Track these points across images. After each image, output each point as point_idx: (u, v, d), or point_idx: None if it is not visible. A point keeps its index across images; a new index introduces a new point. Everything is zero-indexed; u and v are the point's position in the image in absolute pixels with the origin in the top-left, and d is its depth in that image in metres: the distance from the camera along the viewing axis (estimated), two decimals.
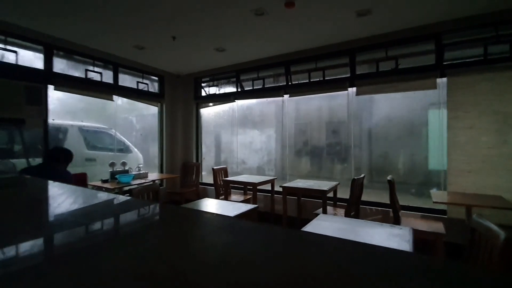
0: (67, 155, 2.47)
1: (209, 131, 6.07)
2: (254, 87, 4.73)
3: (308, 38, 3.64)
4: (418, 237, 2.36)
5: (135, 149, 6.46)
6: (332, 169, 9.50)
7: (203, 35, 3.45)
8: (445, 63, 3.24)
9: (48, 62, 3.54)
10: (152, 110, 5.72)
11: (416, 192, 5.30)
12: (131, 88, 4.70)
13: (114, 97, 4.43)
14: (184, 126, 5.53)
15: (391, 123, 7.97)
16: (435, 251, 2.55)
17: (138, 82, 4.80)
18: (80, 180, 3.71)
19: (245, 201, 4.04)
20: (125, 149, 6.21)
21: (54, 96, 3.67)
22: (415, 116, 7.40)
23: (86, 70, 3.98)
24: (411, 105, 7.22)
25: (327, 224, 1.87)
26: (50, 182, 1.32)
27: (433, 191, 3.06)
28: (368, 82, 3.67)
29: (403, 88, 3.59)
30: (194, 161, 5.47)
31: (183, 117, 5.51)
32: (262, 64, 4.54)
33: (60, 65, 3.70)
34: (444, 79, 3.22)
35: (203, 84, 5.44)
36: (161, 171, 5.32)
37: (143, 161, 6.56)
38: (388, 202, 2.84)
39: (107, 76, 4.31)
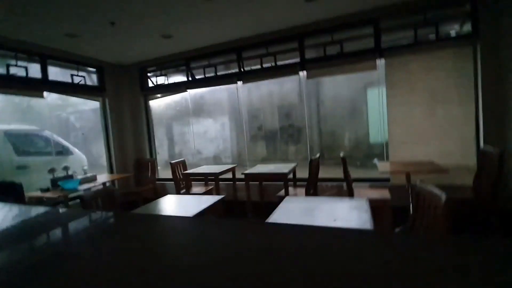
0: None
1: (160, 123, 5.76)
2: (206, 75, 4.58)
3: (258, 23, 3.62)
4: (370, 205, 2.64)
5: (77, 150, 5.84)
6: (286, 151, 9.91)
7: (147, 20, 3.18)
8: (382, 46, 3.54)
9: None
10: (92, 105, 5.18)
11: (360, 164, 5.87)
12: (65, 82, 4.17)
13: (45, 93, 3.88)
14: (133, 121, 5.15)
15: (336, 104, 8.56)
16: (383, 215, 2.88)
17: (72, 75, 4.27)
18: (13, 192, 3.24)
19: (207, 193, 4.00)
20: (64, 151, 5.58)
21: None
22: (356, 96, 8.06)
23: (8, 65, 3.39)
24: (352, 86, 7.83)
25: (294, 206, 1.97)
26: None
27: (378, 162, 3.41)
28: (317, 66, 3.83)
29: (347, 70, 3.85)
30: (148, 156, 5.18)
31: (130, 111, 5.12)
32: (213, 51, 4.40)
33: None
34: (383, 61, 3.54)
35: (149, 74, 5.09)
36: (111, 171, 4.93)
37: (88, 162, 5.98)
38: (340, 176, 3.08)
39: (34, 71, 3.74)
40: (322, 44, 3.78)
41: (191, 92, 5.04)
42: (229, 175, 4.25)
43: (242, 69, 4.33)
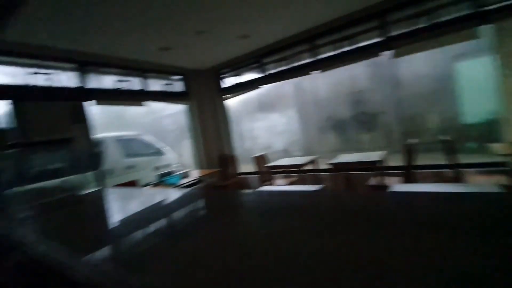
0: None
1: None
2: (279, 69, 4.63)
3: (332, 7, 3.49)
4: None
5: (169, 150, 6.61)
6: (360, 140, 9.27)
7: (227, 24, 3.38)
8: (486, 8, 3.02)
9: (83, 79, 3.61)
10: (180, 108, 5.78)
11: (463, 148, 5.09)
12: (158, 91, 4.74)
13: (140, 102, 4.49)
14: (214, 120, 5.56)
15: (416, 84, 7.61)
16: None
17: (164, 84, 4.83)
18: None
19: (293, 185, 4.07)
20: (158, 152, 6.36)
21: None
22: (441, 72, 7.02)
23: (118, 81, 4.03)
24: (435, 61, 6.84)
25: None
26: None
27: (493, 145, 2.95)
28: (406, 42, 3.49)
29: (440, 43, 3.41)
30: (229, 152, 5.53)
31: (211, 111, 5.53)
32: (285, 45, 4.42)
33: (95, 80, 3.76)
34: (484, 27, 3.01)
35: (225, 75, 5.40)
36: (200, 167, 5.43)
37: (179, 160, 6.71)
38: (437, 163, 2.76)
39: (136, 83, 4.35)
40: (410, 16, 3.42)
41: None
42: (303, 167, 4.23)
43: (316, 58, 4.24)
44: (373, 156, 3.45)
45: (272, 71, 4.76)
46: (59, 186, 2.94)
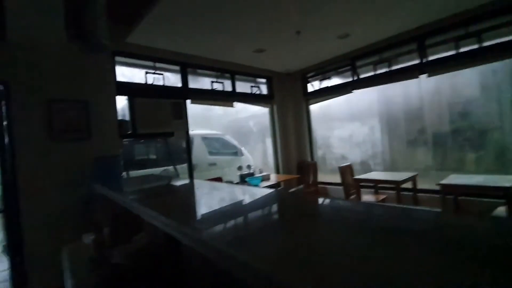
0: None
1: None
2: (376, 72, 4.19)
3: (445, 4, 2.93)
4: None
5: (246, 152, 6.76)
6: (462, 159, 7.84)
7: (327, 23, 3.18)
8: None
9: (184, 79, 3.91)
10: (260, 111, 5.83)
11: None
12: (246, 93, 4.84)
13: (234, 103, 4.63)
14: (295, 125, 5.41)
15: None
16: None
17: (252, 86, 4.92)
18: None
19: (385, 203, 3.58)
20: (237, 153, 6.56)
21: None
22: None
23: (212, 82, 4.26)
24: None
25: None
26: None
27: None
28: None
29: None
30: (309, 159, 5.29)
31: (293, 116, 5.40)
32: (385, 45, 3.97)
33: (192, 81, 4.04)
34: None
35: (312, 79, 5.20)
36: (277, 172, 5.33)
37: (254, 162, 6.80)
38: None
39: (226, 84, 4.53)
40: None
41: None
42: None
43: (424, 59, 3.66)
44: (502, 181, 2.74)
45: (368, 74, 4.34)
46: (160, 174, 3.20)
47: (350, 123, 9.62)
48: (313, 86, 5.21)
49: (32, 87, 2.60)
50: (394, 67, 4.00)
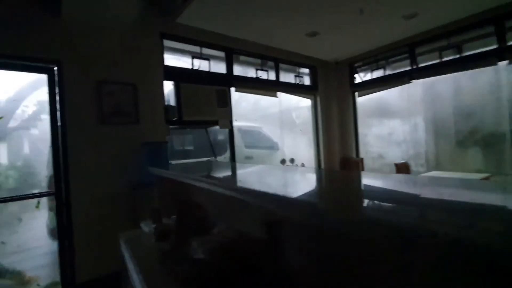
0: None
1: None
2: (443, 59, 3.71)
3: None
4: None
5: (284, 145, 6.50)
6: None
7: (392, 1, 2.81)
8: None
9: (229, 66, 3.72)
10: (300, 103, 5.52)
11: None
12: (290, 83, 4.56)
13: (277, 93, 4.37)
14: (340, 118, 5.04)
15: None
16: None
17: (295, 75, 4.63)
18: None
19: None
20: (273, 146, 6.32)
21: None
22: None
23: (256, 70, 4.04)
24: None
25: None
26: None
27: None
28: None
29: None
30: (354, 155, 4.91)
31: (338, 108, 5.04)
32: (454, 29, 3.50)
33: (237, 68, 3.84)
34: None
35: (360, 68, 4.80)
36: (319, 167, 5.01)
37: (291, 156, 6.50)
38: None
39: (271, 73, 4.29)
40: None
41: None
42: None
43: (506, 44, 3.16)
44: None
45: (429, 63, 3.88)
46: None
47: (389, 120, 8.99)
48: (361, 76, 4.81)
49: (83, 67, 2.53)
50: (465, 54, 3.51)
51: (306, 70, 4.90)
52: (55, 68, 2.43)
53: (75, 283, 2.36)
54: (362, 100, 5.06)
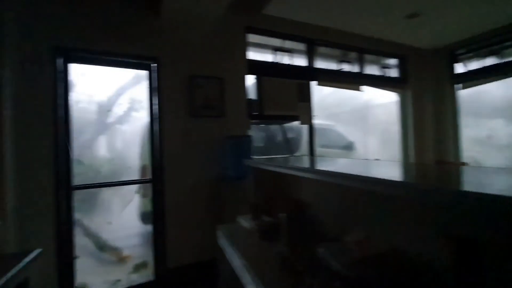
0: None
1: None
2: None
3: None
4: None
5: (359, 145, 5.97)
6: None
7: None
8: None
9: (310, 58, 3.51)
10: (380, 99, 4.95)
11: None
12: (375, 75, 4.11)
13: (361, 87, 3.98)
14: (436, 115, 4.34)
15: None
16: None
17: (382, 67, 4.15)
18: None
19: None
20: (349, 147, 5.86)
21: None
22: None
23: (339, 61, 3.73)
24: None
25: None
26: None
27: None
28: None
29: None
30: (453, 160, 4.16)
31: (433, 104, 4.34)
32: None
33: (318, 61, 3.60)
34: None
35: (464, 56, 4.03)
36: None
37: (370, 158, 5.93)
38: None
39: (355, 65, 3.92)
40: None
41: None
42: None
43: None
44: None
45: None
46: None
47: (489, 119, 7.50)
48: (465, 66, 4.04)
49: (177, 63, 2.64)
50: None
51: (393, 61, 4.35)
52: (154, 65, 2.60)
53: (166, 267, 2.48)
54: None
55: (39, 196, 2.08)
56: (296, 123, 4.64)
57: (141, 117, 5.44)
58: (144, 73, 2.65)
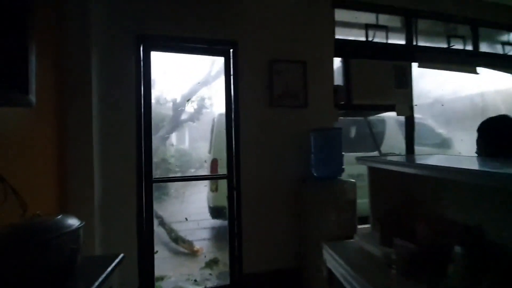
0: None
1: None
2: None
3: None
4: None
5: (456, 143, 4.96)
6: None
7: None
8: None
9: (409, 34, 2.87)
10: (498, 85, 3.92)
11: None
12: (496, 54, 3.21)
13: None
14: None
15: None
16: None
17: (503, 44, 3.22)
18: None
19: None
20: (443, 144, 4.91)
21: None
22: None
23: (448, 37, 2.99)
24: None
25: None
26: None
27: None
28: None
29: None
30: None
31: None
32: None
33: (420, 38, 2.93)
34: None
35: None
36: None
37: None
38: None
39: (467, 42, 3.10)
40: None
41: None
42: None
43: None
44: None
45: None
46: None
47: None
48: None
49: (256, 47, 2.36)
50: None
51: None
52: (231, 50, 2.37)
53: (242, 273, 2.25)
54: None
55: (123, 191, 2.03)
56: (386, 115, 3.99)
57: (210, 112, 5.44)
58: (215, 69, 2.44)
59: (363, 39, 2.76)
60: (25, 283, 0.77)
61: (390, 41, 2.82)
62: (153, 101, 2.25)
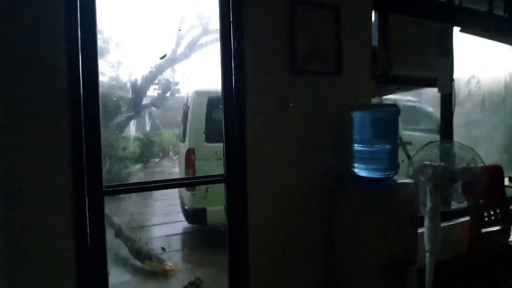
0: None
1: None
2: None
3: None
4: None
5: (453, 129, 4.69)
6: None
7: None
8: None
9: None
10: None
11: None
12: None
13: None
14: None
15: None
16: None
17: None
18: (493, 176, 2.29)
19: None
20: (438, 128, 4.61)
21: None
22: None
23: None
24: None
25: None
26: None
27: None
28: None
29: None
30: None
31: None
32: None
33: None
34: None
35: None
36: None
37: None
38: None
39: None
40: None
41: None
42: None
43: None
44: None
45: None
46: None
47: None
48: None
49: None
50: None
51: None
52: None
53: None
54: None
55: (44, 217, 1.11)
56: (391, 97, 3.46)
57: (180, 92, 4.44)
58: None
59: None
60: None
61: None
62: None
